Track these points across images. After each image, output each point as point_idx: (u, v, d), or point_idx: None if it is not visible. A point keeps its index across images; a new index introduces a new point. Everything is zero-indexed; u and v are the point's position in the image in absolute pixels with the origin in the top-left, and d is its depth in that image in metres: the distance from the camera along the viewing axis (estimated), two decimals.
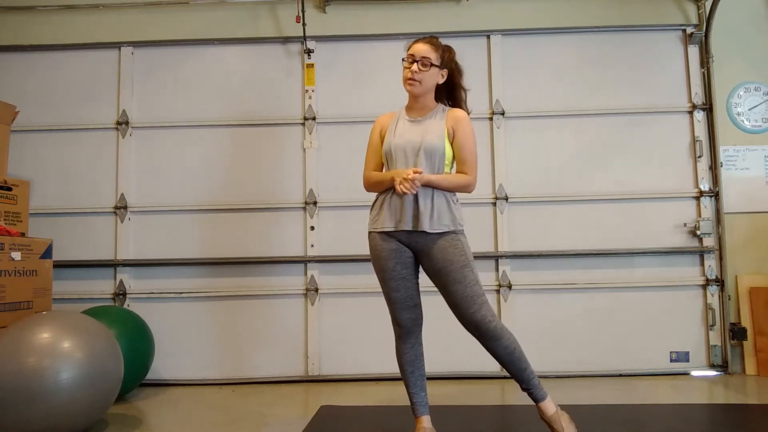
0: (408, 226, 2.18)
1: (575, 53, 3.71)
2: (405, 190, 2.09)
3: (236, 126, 3.70)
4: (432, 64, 2.25)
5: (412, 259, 2.25)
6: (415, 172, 2.11)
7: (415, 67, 2.23)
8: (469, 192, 2.30)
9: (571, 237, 3.58)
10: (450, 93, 2.39)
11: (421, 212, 2.16)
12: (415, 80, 2.24)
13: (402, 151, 2.24)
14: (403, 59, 2.31)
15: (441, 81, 2.32)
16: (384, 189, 2.27)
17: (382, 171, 2.35)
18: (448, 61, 2.33)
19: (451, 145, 2.26)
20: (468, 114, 2.34)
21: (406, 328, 2.26)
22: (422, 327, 2.31)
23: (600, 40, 3.71)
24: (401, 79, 2.31)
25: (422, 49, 2.26)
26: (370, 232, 2.30)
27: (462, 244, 2.19)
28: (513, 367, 2.22)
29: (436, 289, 2.28)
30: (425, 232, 2.16)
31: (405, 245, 2.23)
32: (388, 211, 2.22)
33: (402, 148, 2.24)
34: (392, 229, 2.21)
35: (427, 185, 2.17)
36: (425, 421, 2.26)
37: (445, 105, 2.38)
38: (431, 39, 2.31)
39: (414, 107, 2.34)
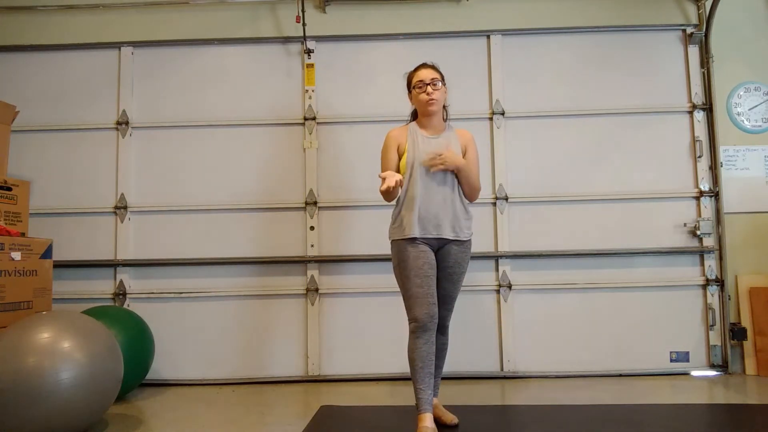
0: (437, 233, 2.42)
1: (575, 53, 3.71)
2: (442, 166, 2.40)
3: (236, 126, 3.70)
4: (440, 82, 2.53)
5: (435, 260, 2.45)
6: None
7: (429, 89, 2.48)
8: (473, 200, 2.57)
9: (571, 237, 3.58)
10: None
11: (450, 221, 2.44)
12: (434, 99, 2.48)
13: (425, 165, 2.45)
14: (411, 87, 2.55)
15: (446, 97, 2.59)
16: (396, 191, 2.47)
17: None
18: (444, 80, 2.58)
19: None
20: None
21: (423, 323, 2.33)
22: (437, 325, 2.42)
23: (600, 40, 3.71)
24: (419, 103, 2.52)
25: (429, 73, 2.52)
26: (395, 240, 2.47)
27: (468, 256, 2.52)
28: (441, 360, 2.57)
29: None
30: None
31: (431, 248, 2.44)
32: (417, 219, 2.41)
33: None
34: (422, 236, 2.41)
35: (462, 168, 2.45)
36: (428, 419, 2.27)
37: (451, 125, 2.64)
38: (429, 64, 2.57)
39: (428, 126, 2.56)
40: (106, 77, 3.75)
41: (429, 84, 2.48)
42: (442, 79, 2.55)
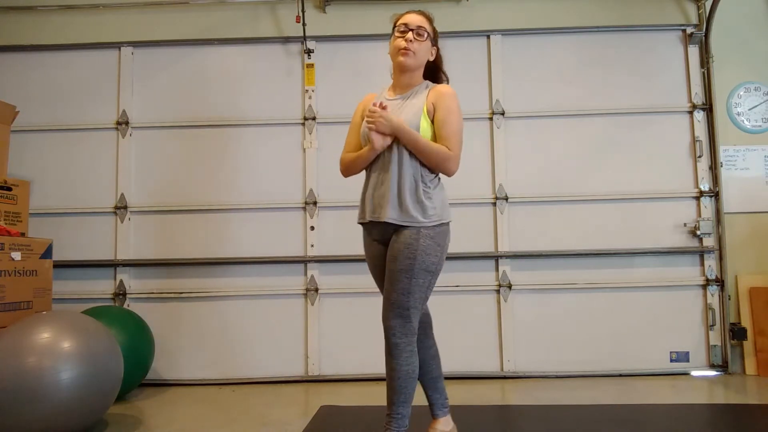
0: (375, 215, 2.03)
1: (575, 53, 3.71)
2: (372, 126, 1.98)
3: (236, 126, 3.70)
4: (428, 35, 2.09)
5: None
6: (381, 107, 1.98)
7: (410, 35, 2.05)
8: (449, 172, 2.06)
9: (571, 237, 3.58)
10: (431, 78, 2.22)
11: (387, 200, 1.99)
12: (409, 50, 2.05)
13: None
14: (393, 28, 2.14)
15: (431, 58, 2.17)
16: (362, 167, 2.14)
17: None
18: (437, 38, 2.18)
19: (432, 122, 2.06)
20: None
21: None
22: (429, 329, 2.21)
23: (600, 40, 3.71)
24: (393, 49, 2.13)
25: (417, 18, 2.10)
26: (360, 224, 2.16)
27: (417, 246, 1.96)
28: (389, 389, 2.07)
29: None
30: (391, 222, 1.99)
31: (383, 244, 2.08)
32: (364, 200, 2.09)
33: None
34: (366, 220, 2.07)
35: (400, 135, 1.99)
36: (438, 423, 2.21)
37: (430, 82, 2.19)
38: (423, 11, 2.15)
39: (399, 84, 2.17)
40: (106, 77, 3.75)
41: (413, 30, 2.06)
42: (434, 36, 2.14)
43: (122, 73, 3.74)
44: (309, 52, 3.71)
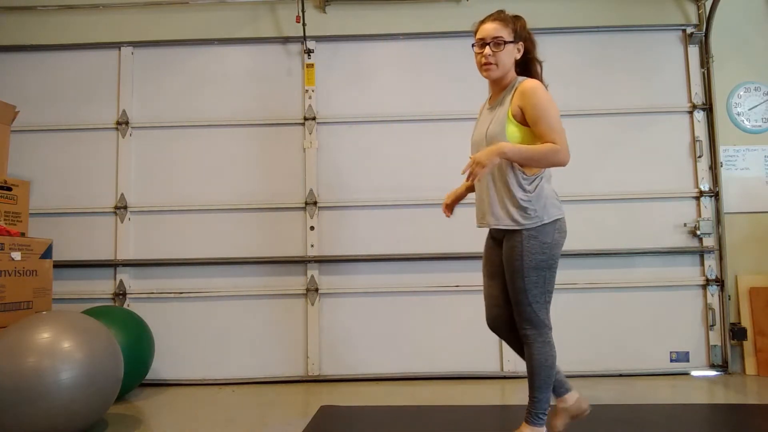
0: (483, 222, 2.16)
1: (575, 53, 3.71)
2: (472, 178, 2.02)
3: (236, 126, 3.70)
4: (506, 42, 2.07)
5: (500, 255, 2.17)
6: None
7: (487, 50, 2.06)
8: (564, 164, 2.08)
9: (571, 237, 3.55)
10: (523, 68, 2.18)
11: (488, 207, 2.11)
12: (491, 64, 2.07)
13: (475, 147, 2.16)
14: (472, 45, 2.15)
15: (519, 56, 2.14)
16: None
17: None
18: (521, 31, 2.13)
19: (524, 124, 2.07)
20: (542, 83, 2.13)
21: (490, 327, 2.24)
22: (513, 331, 2.22)
23: (600, 41, 3.71)
24: (477, 66, 2.14)
25: (491, 28, 2.08)
26: None
27: (522, 248, 2.06)
28: (528, 375, 2.17)
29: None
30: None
31: (496, 242, 2.19)
32: (476, 208, 2.21)
33: (476, 144, 2.17)
34: (480, 226, 2.20)
35: (504, 158, 2.00)
36: (562, 400, 2.23)
37: (518, 79, 2.15)
38: (498, 14, 2.13)
39: (493, 92, 2.20)
40: (106, 77, 3.75)
41: (489, 43, 2.05)
42: (515, 35, 2.09)
43: (122, 73, 3.74)
44: (309, 52, 3.71)
